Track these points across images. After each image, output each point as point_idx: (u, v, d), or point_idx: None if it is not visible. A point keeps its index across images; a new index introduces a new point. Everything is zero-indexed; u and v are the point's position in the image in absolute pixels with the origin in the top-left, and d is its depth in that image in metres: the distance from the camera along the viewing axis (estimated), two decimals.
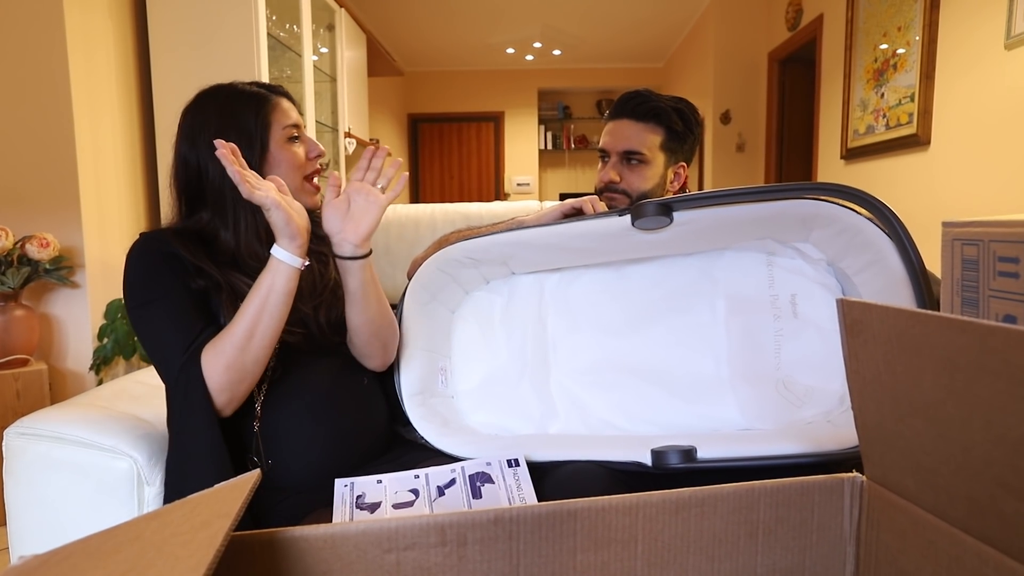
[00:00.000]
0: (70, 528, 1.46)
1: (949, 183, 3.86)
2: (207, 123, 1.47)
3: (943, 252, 0.96)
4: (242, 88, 1.53)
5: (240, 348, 1.31)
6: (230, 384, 1.32)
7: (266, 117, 1.50)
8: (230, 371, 1.31)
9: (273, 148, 1.50)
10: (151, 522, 0.62)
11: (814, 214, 1.45)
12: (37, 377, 2.84)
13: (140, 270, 1.41)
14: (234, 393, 1.34)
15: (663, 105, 1.90)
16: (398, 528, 0.74)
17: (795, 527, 0.82)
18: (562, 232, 1.59)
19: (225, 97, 1.51)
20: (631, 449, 1.40)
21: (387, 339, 1.58)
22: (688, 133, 1.94)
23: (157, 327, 1.37)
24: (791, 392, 1.57)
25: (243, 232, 1.47)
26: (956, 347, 0.62)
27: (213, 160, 1.43)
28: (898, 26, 4.30)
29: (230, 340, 1.31)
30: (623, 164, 1.91)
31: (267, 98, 1.52)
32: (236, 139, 1.43)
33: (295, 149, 1.54)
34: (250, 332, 1.32)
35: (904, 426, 0.72)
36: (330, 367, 1.55)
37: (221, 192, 1.46)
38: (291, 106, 1.56)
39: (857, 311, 0.75)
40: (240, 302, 1.38)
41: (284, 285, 1.33)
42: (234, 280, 1.43)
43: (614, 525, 0.78)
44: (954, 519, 0.68)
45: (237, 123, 1.47)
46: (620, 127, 1.91)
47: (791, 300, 1.62)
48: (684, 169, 1.98)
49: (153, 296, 1.38)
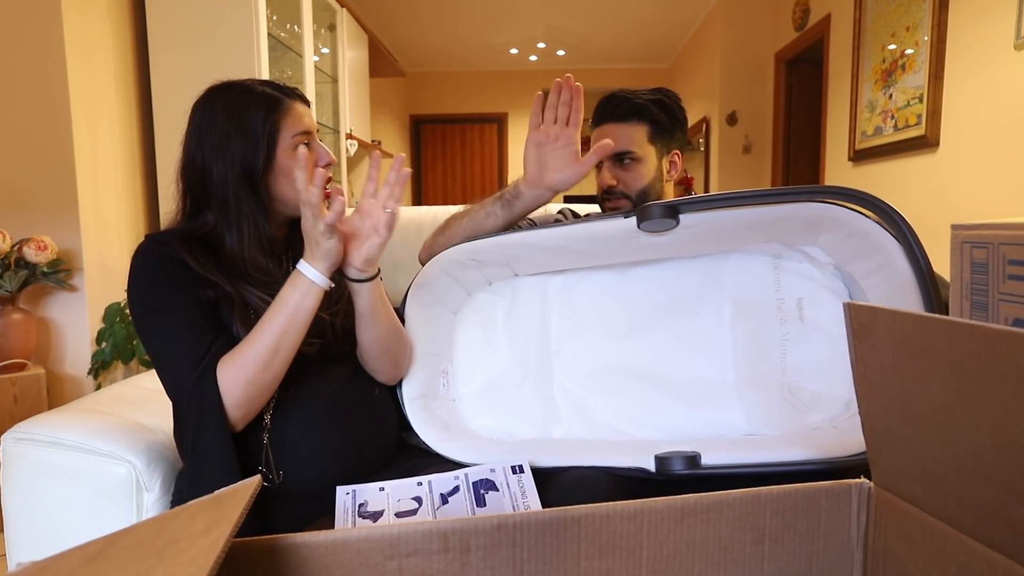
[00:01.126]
0: (68, 534, 1.46)
1: (958, 185, 3.85)
2: (214, 122, 1.44)
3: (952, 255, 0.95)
4: (254, 88, 1.49)
5: (263, 365, 1.31)
6: (247, 400, 1.31)
7: (276, 122, 1.45)
8: (250, 387, 1.30)
9: (280, 155, 1.46)
10: (150, 528, 0.62)
11: (822, 217, 1.45)
12: (35, 382, 2.85)
13: (147, 274, 1.39)
14: (250, 408, 1.33)
15: (641, 101, 1.90)
16: (400, 534, 0.74)
17: (802, 534, 0.82)
18: (566, 234, 1.59)
19: (236, 96, 1.47)
20: (635, 455, 1.40)
21: (397, 356, 1.58)
22: (674, 121, 1.94)
23: (165, 336, 1.35)
24: (797, 397, 1.57)
25: (247, 242, 1.45)
26: (965, 351, 0.62)
27: (217, 162, 1.42)
28: (907, 26, 4.30)
29: (253, 356, 1.31)
30: (617, 167, 1.92)
31: (279, 101, 1.48)
32: (242, 142, 1.42)
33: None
34: (274, 349, 1.31)
35: (912, 431, 0.72)
36: (340, 376, 1.53)
37: (225, 197, 1.44)
38: (305, 111, 1.53)
39: (864, 315, 0.76)
40: (251, 314, 1.38)
41: (312, 304, 1.33)
42: (245, 292, 1.42)
43: (619, 532, 0.78)
44: (963, 526, 0.68)
45: (244, 125, 1.43)
46: (605, 132, 1.91)
47: (798, 304, 1.62)
48: (679, 156, 1.98)
49: (161, 303, 1.36)
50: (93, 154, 3.19)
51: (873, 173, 4.83)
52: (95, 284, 3.19)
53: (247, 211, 1.43)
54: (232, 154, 1.43)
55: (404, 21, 8.10)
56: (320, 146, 1.54)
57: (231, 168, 1.43)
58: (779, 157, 6.64)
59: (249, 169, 1.43)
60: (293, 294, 1.32)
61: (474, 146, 11.09)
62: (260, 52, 3.61)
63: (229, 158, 1.43)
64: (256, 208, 1.45)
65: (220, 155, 1.43)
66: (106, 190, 3.30)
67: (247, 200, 1.44)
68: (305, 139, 1.50)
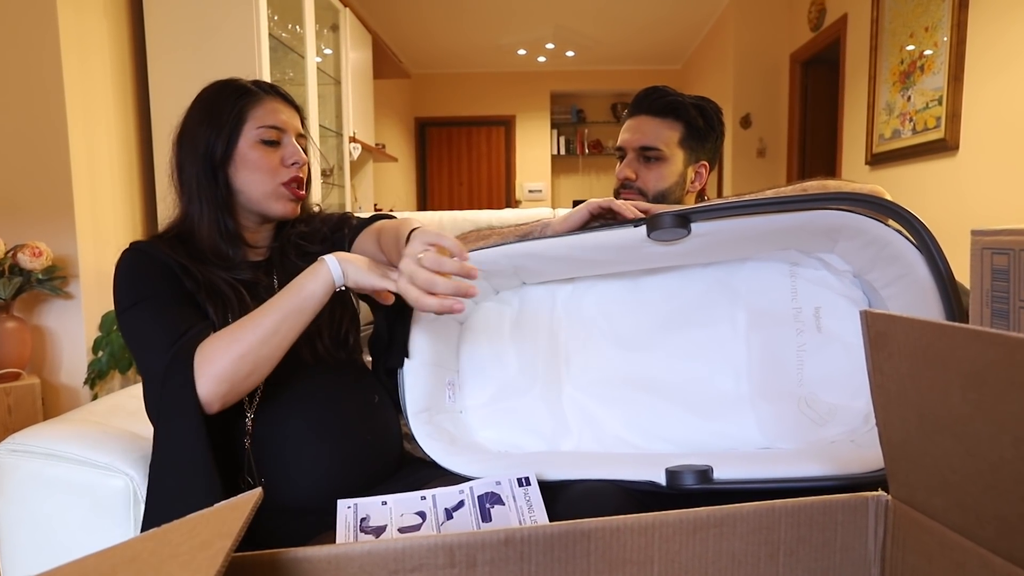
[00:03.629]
0: (64, 548, 1.46)
1: (978, 190, 3.85)
2: (190, 115, 1.51)
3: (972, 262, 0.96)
4: (235, 82, 1.54)
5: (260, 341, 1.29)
6: (232, 375, 1.28)
7: (242, 111, 1.49)
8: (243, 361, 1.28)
9: (243, 145, 1.49)
10: (148, 542, 0.62)
11: (840, 225, 1.44)
12: (29, 392, 2.85)
13: (127, 274, 1.42)
14: (234, 386, 1.30)
15: (682, 100, 1.90)
16: (405, 549, 0.74)
17: (817, 548, 0.82)
18: (575, 243, 1.59)
19: (216, 90, 1.53)
20: (645, 468, 1.40)
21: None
22: (710, 131, 1.93)
23: (141, 326, 1.36)
24: (813, 410, 1.56)
25: (205, 226, 1.48)
26: (985, 361, 0.63)
27: (186, 151, 1.48)
28: (925, 26, 4.30)
29: (252, 327, 1.29)
30: (640, 161, 1.91)
31: (252, 93, 1.52)
32: (207, 129, 1.46)
33: (268, 152, 1.52)
34: (275, 329, 1.30)
35: (931, 443, 0.72)
36: (335, 382, 1.53)
37: (187, 183, 1.49)
38: (282, 108, 1.54)
39: (881, 323, 0.76)
40: (217, 298, 1.40)
41: (323, 296, 1.32)
42: (211, 275, 1.44)
43: (629, 546, 0.78)
44: (983, 539, 0.68)
45: (212, 114, 1.49)
46: (637, 123, 1.91)
47: (815, 313, 1.61)
48: (706, 169, 1.97)
49: (139, 297, 1.38)
50: (89, 158, 3.20)
51: (891, 177, 4.83)
52: (91, 291, 3.20)
53: (206, 196, 1.47)
54: (197, 141, 1.48)
55: (409, 21, 8.12)
56: (291, 143, 1.55)
57: (194, 152, 1.48)
58: (794, 161, 6.64)
59: (210, 155, 1.47)
60: (307, 280, 1.31)
61: (481, 149, 11.09)
62: (261, 53, 3.62)
63: (195, 143, 1.48)
64: (214, 194, 1.48)
65: (187, 141, 1.49)
66: (103, 195, 3.31)
67: (207, 186, 1.48)
68: (274, 135, 1.52)
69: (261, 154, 1.51)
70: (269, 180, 1.52)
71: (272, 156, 1.52)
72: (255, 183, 1.50)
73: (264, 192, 1.52)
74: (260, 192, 1.51)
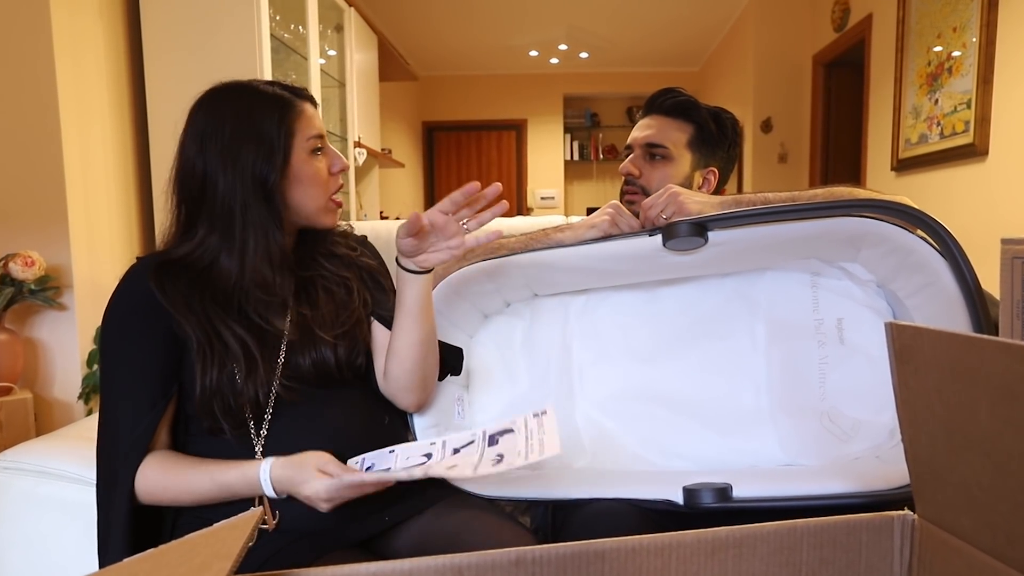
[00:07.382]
0: (60, 568, 1.47)
1: (1008, 196, 3.84)
2: (221, 126, 1.41)
3: (1002, 271, 0.95)
4: (263, 89, 1.47)
5: (180, 502, 1.37)
6: (159, 502, 1.37)
7: (290, 125, 1.44)
8: (166, 498, 1.36)
9: (296, 161, 1.44)
10: (145, 563, 0.62)
11: (862, 233, 1.44)
12: (21, 407, 2.85)
13: (121, 305, 1.41)
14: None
15: (694, 101, 1.90)
16: (412, 570, 0.74)
17: (841, 570, 0.82)
18: (588, 253, 1.59)
19: (244, 98, 1.45)
20: (662, 486, 1.40)
21: (429, 372, 1.56)
22: (722, 138, 1.93)
23: (114, 387, 1.38)
24: (837, 425, 1.56)
25: (251, 255, 1.41)
26: (1015, 375, 0.63)
27: (224, 171, 1.40)
28: (953, 27, 4.29)
29: (173, 494, 1.35)
30: (645, 158, 1.91)
31: (291, 103, 1.46)
32: (254, 148, 1.40)
33: (318, 164, 1.48)
34: (199, 501, 1.36)
35: (959, 460, 0.72)
36: (345, 404, 1.51)
37: (230, 210, 1.41)
38: (315, 112, 1.51)
39: (907, 336, 0.76)
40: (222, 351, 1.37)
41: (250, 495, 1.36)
42: (220, 326, 1.39)
43: (645, 567, 0.78)
44: (1013, 560, 0.68)
45: (256, 129, 1.41)
46: (648, 122, 1.92)
47: (837, 325, 1.61)
48: (715, 176, 1.96)
49: (126, 338, 1.39)
50: (83, 164, 3.20)
51: (918, 183, 4.82)
52: (86, 303, 3.19)
53: (257, 222, 1.41)
54: (243, 162, 1.40)
55: (416, 21, 8.13)
56: (333, 151, 1.53)
57: (241, 177, 1.40)
58: (817, 167, 6.62)
59: (263, 178, 1.41)
60: (239, 483, 1.34)
61: (491, 155, 11.09)
62: (262, 54, 3.62)
63: (240, 166, 1.40)
64: (268, 218, 1.42)
65: (228, 163, 1.40)
66: (97, 202, 3.30)
67: (258, 210, 1.41)
68: (319, 143, 1.48)
69: (313, 167, 1.47)
70: (322, 193, 1.50)
71: (320, 166, 1.49)
72: (310, 198, 1.47)
73: (318, 206, 1.49)
74: (314, 207, 1.49)
